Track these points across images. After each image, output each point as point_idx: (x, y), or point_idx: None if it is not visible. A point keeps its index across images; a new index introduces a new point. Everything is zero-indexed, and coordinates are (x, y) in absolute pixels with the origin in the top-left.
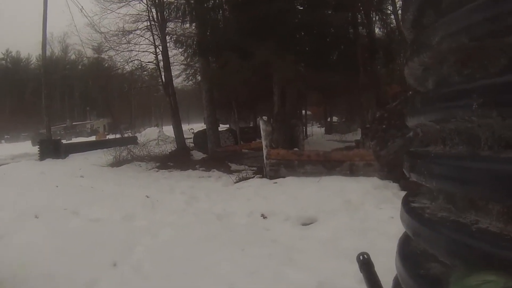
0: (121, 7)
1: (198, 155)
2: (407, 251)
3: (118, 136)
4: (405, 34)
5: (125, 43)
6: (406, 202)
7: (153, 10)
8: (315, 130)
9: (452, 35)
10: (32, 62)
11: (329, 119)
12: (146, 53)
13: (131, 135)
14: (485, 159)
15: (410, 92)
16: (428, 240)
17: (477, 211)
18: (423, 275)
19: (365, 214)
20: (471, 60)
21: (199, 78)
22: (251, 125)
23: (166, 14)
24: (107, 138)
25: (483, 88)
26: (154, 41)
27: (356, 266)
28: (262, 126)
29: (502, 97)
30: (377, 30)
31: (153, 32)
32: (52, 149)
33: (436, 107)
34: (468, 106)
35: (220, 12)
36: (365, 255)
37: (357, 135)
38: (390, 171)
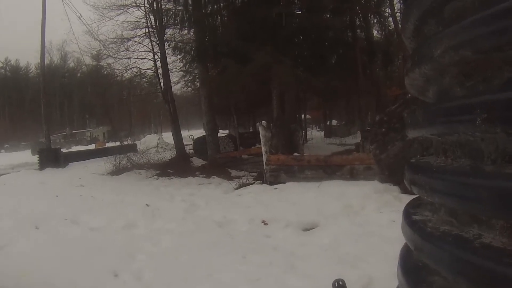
0: (119, 14)
1: (198, 161)
2: (409, 264)
3: (117, 144)
4: (405, 44)
5: (124, 51)
6: (407, 214)
7: (151, 17)
8: (314, 133)
9: (455, 47)
10: (31, 70)
11: (328, 123)
12: (145, 60)
13: (130, 142)
14: (488, 175)
15: (409, 95)
16: (430, 255)
17: (480, 225)
18: None
19: (366, 218)
20: (474, 73)
21: (198, 84)
22: (251, 130)
23: (165, 21)
24: (106, 146)
25: (487, 103)
26: (153, 48)
27: (358, 272)
28: (261, 131)
29: (506, 112)
30: (375, 32)
31: (152, 39)
32: (51, 158)
33: (438, 122)
34: (471, 121)
35: (218, 18)
36: (340, 282)
37: (357, 138)
38: (391, 174)
